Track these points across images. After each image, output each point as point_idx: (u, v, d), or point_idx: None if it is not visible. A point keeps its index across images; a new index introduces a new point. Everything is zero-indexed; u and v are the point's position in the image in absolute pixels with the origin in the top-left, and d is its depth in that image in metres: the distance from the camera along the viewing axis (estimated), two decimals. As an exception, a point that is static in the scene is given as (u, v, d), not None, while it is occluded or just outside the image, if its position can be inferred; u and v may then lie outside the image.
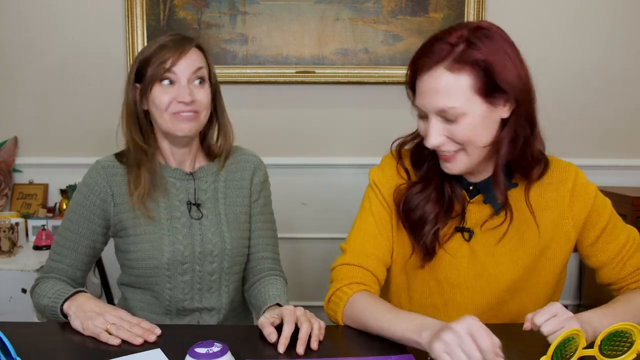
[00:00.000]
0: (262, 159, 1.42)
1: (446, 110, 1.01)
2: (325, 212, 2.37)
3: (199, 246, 1.27)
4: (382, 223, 1.19)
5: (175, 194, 1.29)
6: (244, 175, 1.37)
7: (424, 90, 1.02)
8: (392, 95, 2.32)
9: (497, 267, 1.14)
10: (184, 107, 1.21)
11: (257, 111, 2.36)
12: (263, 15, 2.28)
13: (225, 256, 1.29)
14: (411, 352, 0.97)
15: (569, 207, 1.15)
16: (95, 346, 1.01)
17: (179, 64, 1.21)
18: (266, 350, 0.99)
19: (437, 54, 1.00)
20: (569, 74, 2.34)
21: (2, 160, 2.33)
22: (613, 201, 1.23)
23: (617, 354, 0.92)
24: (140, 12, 2.26)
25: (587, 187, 1.17)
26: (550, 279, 1.17)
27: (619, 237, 1.15)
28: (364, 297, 1.09)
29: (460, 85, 0.99)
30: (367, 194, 1.24)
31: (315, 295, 2.43)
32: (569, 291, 2.43)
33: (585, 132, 2.37)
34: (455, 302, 1.16)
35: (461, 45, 0.99)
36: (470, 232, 1.15)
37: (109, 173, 1.27)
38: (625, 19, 2.32)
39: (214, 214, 1.31)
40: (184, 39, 1.25)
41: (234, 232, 1.31)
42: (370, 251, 1.17)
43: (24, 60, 2.34)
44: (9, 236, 2.02)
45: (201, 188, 1.32)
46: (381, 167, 1.25)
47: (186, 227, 1.28)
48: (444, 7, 2.28)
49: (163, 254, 1.24)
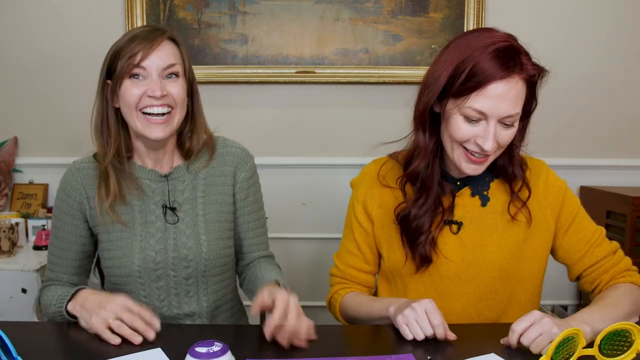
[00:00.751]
0: (261, 159, 1.39)
1: (512, 116, 1.07)
2: (325, 212, 2.37)
3: (173, 251, 1.22)
4: (363, 237, 1.27)
5: (150, 196, 1.23)
6: (225, 170, 1.29)
7: (495, 95, 1.05)
8: (392, 95, 2.32)
9: (486, 255, 1.19)
10: (154, 101, 1.14)
11: (257, 111, 2.36)
12: (263, 15, 2.28)
13: (201, 260, 1.23)
14: (411, 352, 0.97)
15: (544, 197, 1.21)
16: (95, 346, 1.01)
17: (149, 59, 1.13)
18: (266, 350, 0.99)
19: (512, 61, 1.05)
20: (568, 75, 2.33)
21: (2, 160, 2.33)
22: (613, 201, 1.27)
23: (617, 354, 0.93)
24: (140, 12, 2.26)
25: (558, 180, 1.25)
26: (537, 267, 1.22)
27: (588, 227, 1.22)
28: (354, 295, 1.26)
29: (524, 93, 1.08)
30: (348, 207, 1.32)
31: (315, 295, 2.43)
32: (568, 291, 2.43)
33: (585, 133, 2.37)
34: (448, 292, 1.20)
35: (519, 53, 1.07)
36: (459, 224, 1.19)
37: (83, 175, 1.24)
38: (626, 19, 2.32)
39: (191, 215, 1.25)
40: (155, 31, 1.17)
41: (212, 233, 1.25)
42: (355, 266, 1.29)
43: (24, 60, 2.33)
44: (9, 236, 2.02)
45: (178, 189, 1.25)
46: (362, 178, 1.30)
47: (160, 232, 1.22)
48: (444, 7, 2.28)
49: (133, 261, 1.20)
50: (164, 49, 1.16)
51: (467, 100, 1.07)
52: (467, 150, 1.11)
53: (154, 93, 1.13)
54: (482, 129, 1.08)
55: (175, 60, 1.17)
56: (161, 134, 1.16)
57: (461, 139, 1.10)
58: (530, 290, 1.23)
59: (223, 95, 2.31)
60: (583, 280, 1.22)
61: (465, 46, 1.08)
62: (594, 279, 1.19)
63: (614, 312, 1.06)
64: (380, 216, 1.24)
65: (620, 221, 2.08)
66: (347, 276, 1.30)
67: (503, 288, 1.20)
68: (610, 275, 1.18)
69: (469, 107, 1.07)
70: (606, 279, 1.18)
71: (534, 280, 1.22)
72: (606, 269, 1.18)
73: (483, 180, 1.21)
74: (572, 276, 1.24)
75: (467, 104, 1.07)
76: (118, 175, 1.20)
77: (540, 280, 1.25)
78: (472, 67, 1.05)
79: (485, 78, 1.05)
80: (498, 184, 1.21)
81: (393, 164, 1.26)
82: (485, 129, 1.07)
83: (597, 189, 2.23)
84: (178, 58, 1.18)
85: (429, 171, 1.17)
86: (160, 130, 1.16)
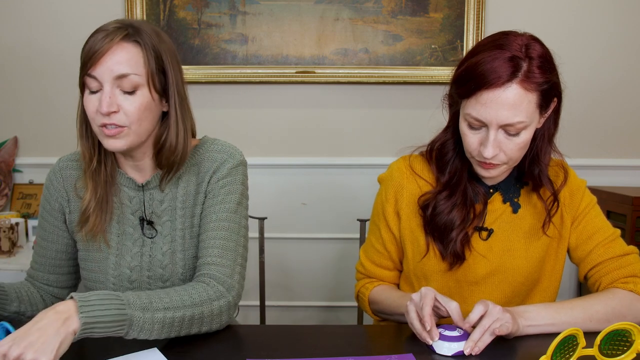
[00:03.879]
0: (261, 159, 1.36)
1: (513, 125, 1.03)
2: (325, 212, 2.37)
3: (147, 270, 1.13)
4: (389, 235, 1.25)
5: (128, 205, 1.14)
6: (203, 177, 1.13)
7: (491, 102, 1.02)
8: (392, 96, 2.32)
9: (513, 261, 1.18)
10: (106, 119, 1.00)
11: (257, 111, 2.36)
12: (263, 15, 2.28)
13: (176, 280, 1.13)
14: (411, 352, 0.97)
15: (570, 201, 1.19)
16: (95, 346, 1.01)
17: (99, 66, 0.99)
18: (266, 350, 0.99)
19: (508, 69, 1.01)
20: (568, 74, 2.32)
21: (2, 160, 2.33)
22: (613, 201, 1.27)
23: (617, 354, 0.93)
24: (140, 12, 2.26)
25: (577, 179, 1.23)
26: (558, 269, 1.22)
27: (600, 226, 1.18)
28: (381, 290, 1.26)
29: (530, 101, 1.03)
30: (376, 202, 1.30)
31: (315, 295, 2.43)
32: (568, 291, 2.42)
33: (585, 132, 2.37)
34: (472, 299, 1.18)
35: (526, 59, 1.03)
36: (490, 231, 1.17)
37: (65, 175, 1.17)
38: (626, 19, 2.31)
39: (170, 229, 1.13)
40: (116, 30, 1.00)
41: (190, 250, 1.13)
42: (380, 264, 1.28)
43: (24, 60, 2.33)
44: (9, 236, 2.02)
45: (156, 199, 1.14)
46: (390, 174, 1.28)
47: (137, 246, 1.14)
48: (444, 7, 2.27)
49: (108, 277, 1.14)
50: (117, 55, 1.00)
51: (466, 106, 1.07)
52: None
53: (101, 109, 0.99)
54: (484, 136, 1.07)
55: (130, 70, 1.00)
56: (117, 146, 1.03)
57: (468, 148, 1.10)
58: (547, 288, 1.22)
59: (223, 95, 2.31)
60: (588, 282, 1.19)
61: (477, 47, 1.09)
62: (595, 280, 1.16)
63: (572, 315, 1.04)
64: (408, 210, 1.22)
65: (620, 221, 2.08)
66: (370, 274, 1.30)
67: (526, 294, 1.20)
68: (610, 278, 1.13)
69: (467, 113, 1.07)
70: (606, 282, 1.14)
71: (552, 279, 1.22)
72: (607, 271, 1.14)
73: (514, 187, 1.20)
74: (580, 276, 1.21)
75: (466, 110, 1.07)
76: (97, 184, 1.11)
77: (558, 279, 1.23)
78: (471, 71, 1.05)
79: (478, 84, 1.03)
80: (528, 191, 1.20)
81: (421, 158, 1.25)
82: (485, 136, 1.06)
83: (597, 189, 2.22)
84: (136, 65, 1.01)
85: (457, 162, 1.17)
86: (116, 143, 1.02)
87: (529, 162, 1.15)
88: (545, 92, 1.05)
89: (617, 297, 1.09)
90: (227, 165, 1.13)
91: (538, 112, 1.07)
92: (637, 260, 1.15)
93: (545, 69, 1.05)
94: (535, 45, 1.06)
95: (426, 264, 1.20)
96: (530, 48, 1.05)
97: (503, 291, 1.18)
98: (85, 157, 1.11)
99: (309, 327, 1.48)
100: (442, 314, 1.02)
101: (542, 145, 1.14)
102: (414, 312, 1.00)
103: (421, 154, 1.26)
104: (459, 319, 0.99)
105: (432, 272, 1.20)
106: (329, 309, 2.40)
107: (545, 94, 1.05)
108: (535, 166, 1.15)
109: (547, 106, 1.09)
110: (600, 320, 1.05)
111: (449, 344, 0.96)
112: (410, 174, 1.23)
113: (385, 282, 1.29)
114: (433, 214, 1.17)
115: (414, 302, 1.01)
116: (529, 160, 1.15)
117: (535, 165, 1.15)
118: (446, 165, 1.19)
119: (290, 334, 1.10)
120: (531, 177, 1.17)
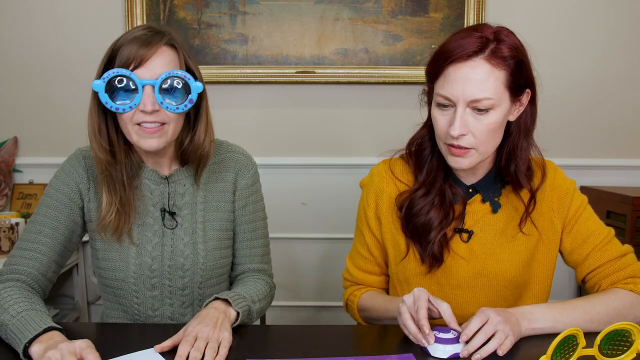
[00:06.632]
0: (261, 159, 1.38)
1: (480, 100, 1.03)
2: (326, 212, 2.37)
3: (169, 259, 1.18)
4: (373, 240, 1.25)
5: (149, 197, 1.18)
6: (226, 177, 1.24)
7: (458, 78, 1.03)
8: (392, 96, 2.32)
9: (497, 264, 1.16)
10: (147, 117, 1.06)
11: (257, 111, 2.36)
12: (263, 15, 2.28)
13: (197, 270, 1.19)
14: (411, 352, 0.97)
15: (550, 198, 1.18)
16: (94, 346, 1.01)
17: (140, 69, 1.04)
18: (266, 350, 0.99)
19: (475, 44, 1.03)
20: (568, 74, 2.33)
21: (2, 160, 2.33)
22: (613, 201, 1.24)
23: (617, 354, 0.93)
24: (140, 12, 2.26)
25: (565, 179, 1.21)
26: (546, 272, 1.20)
27: (593, 228, 1.17)
28: (369, 296, 1.25)
29: (497, 78, 1.04)
30: (359, 208, 1.30)
31: (315, 295, 2.43)
32: (568, 292, 2.42)
33: (585, 133, 2.36)
34: (457, 302, 1.17)
35: (494, 41, 1.04)
36: (470, 232, 1.16)
37: (89, 164, 1.17)
38: (626, 19, 2.31)
39: (190, 222, 1.19)
40: (154, 36, 1.06)
41: (211, 242, 1.21)
42: (367, 270, 1.28)
43: (24, 60, 2.33)
44: (9, 236, 2.02)
45: (178, 192, 1.20)
46: (371, 178, 1.28)
47: (157, 236, 1.17)
48: (444, 7, 2.27)
49: (129, 267, 1.15)
50: (160, 58, 1.06)
51: (436, 87, 1.07)
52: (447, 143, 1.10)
53: (145, 108, 1.05)
54: (453, 116, 1.06)
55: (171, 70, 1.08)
56: (155, 145, 1.09)
57: (438, 133, 1.10)
58: (537, 295, 1.20)
59: (223, 95, 2.31)
60: (586, 285, 1.18)
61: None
62: (594, 283, 1.16)
63: (574, 317, 1.04)
64: (388, 214, 1.22)
65: (620, 221, 2.08)
66: (358, 281, 1.29)
67: (512, 295, 1.18)
68: (610, 280, 1.13)
69: (437, 93, 1.07)
70: (606, 284, 1.13)
71: (542, 285, 1.20)
72: (607, 274, 1.14)
73: (494, 186, 1.18)
74: (577, 279, 1.20)
75: (435, 91, 1.08)
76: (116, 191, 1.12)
77: (549, 284, 1.22)
78: (440, 50, 1.07)
79: (445, 60, 1.05)
80: (509, 190, 1.18)
81: (402, 161, 1.25)
82: (454, 115, 1.06)
83: (597, 189, 2.23)
84: (176, 66, 1.09)
85: (434, 161, 1.17)
86: (154, 142, 1.08)
87: (505, 158, 1.14)
88: (514, 72, 1.05)
89: (619, 297, 1.09)
90: (251, 170, 1.27)
91: (508, 95, 1.06)
92: (635, 261, 1.15)
93: (513, 50, 1.05)
94: (507, 33, 1.07)
95: (406, 266, 1.19)
96: (501, 34, 1.06)
97: (487, 295, 1.17)
98: (102, 161, 1.11)
99: (308, 327, 1.48)
100: (434, 315, 1.01)
101: (519, 140, 1.12)
102: (407, 314, 0.99)
103: (401, 157, 1.26)
104: (452, 320, 0.99)
105: (412, 274, 1.19)
106: (329, 308, 2.40)
107: (514, 75, 1.05)
108: (512, 162, 1.13)
109: (519, 92, 1.08)
110: (602, 321, 1.05)
111: (444, 346, 0.95)
112: (390, 177, 1.23)
113: (373, 288, 1.29)
114: (411, 214, 1.16)
115: (406, 304, 1.00)
116: (505, 156, 1.13)
117: (512, 161, 1.13)
118: (424, 163, 1.18)
119: (290, 334, 1.10)
120: (508, 174, 1.15)
